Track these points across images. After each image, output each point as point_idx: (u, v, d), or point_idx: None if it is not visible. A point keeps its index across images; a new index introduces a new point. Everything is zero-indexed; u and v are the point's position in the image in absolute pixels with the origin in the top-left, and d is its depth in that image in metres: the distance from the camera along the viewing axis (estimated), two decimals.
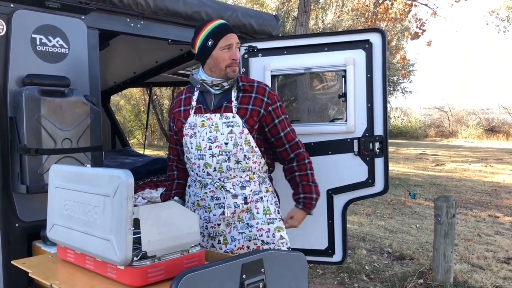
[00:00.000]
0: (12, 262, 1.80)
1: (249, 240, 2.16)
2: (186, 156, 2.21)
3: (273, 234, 2.19)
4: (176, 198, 2.27)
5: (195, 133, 2.14)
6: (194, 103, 2.19)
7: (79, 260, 1.67)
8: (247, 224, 2.16)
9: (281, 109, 2.24)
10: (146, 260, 1.49)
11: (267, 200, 2.21)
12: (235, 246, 2.15)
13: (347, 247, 3.05)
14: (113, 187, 1.45)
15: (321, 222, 3.01)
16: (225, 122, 2.11)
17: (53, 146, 2.24)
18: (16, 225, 2.27)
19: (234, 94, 2.16)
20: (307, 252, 2.98)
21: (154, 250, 1.51)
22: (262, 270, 1.53)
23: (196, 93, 2.20)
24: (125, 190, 1.42)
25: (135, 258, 1.47)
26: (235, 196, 2.12)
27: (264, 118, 2.17)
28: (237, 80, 2.20)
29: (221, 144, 2.09)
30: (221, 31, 2.10)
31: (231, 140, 2.10)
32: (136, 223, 1.47)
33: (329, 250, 3.03)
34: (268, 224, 2.18)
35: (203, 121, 2.13)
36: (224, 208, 2.12)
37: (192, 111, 2.17)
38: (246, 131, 2.11)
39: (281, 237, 2.20)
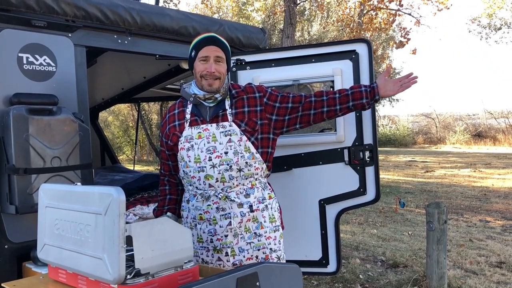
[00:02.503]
0: (2, 284, 1.77)
1: (258, 250, 2.14)
2: (183, 171, 2.17)
3: (279, 241, 2.22)
4: (169, 213, 2.25)
5: (192, 145, 2.12)
6: (188, 116, 2.18)
7: (72, 280, 1.65)
8: (255, 233, 2.14)
9: (274, 91, 2.26)
10: (140, 277, 1.47)
11: (271, 208, 2.22)
12: (244, 256, 2.13)
13: (341, 257, 3.04)
14: (105, 205, 1.44)
15: (314, 232, 3.00)
16: (222, 132, 2.10)
17: (42, 165, 2.22)
18: (6, 246, 2.23)
19: (228, 103, 2.17)
20: (301, 263, 2.96)
21: (148, 267, 1.49)
22: (257, 283, 1.52)
23: (190, 106, 2.20)
24: (117, 207, 1.41)
25: (128, 276, 1.45)
26: (240, 205, 2.10)
27: (266, 110, 2.18)
28: (230, 89, 2.22)
29: (221, 154, 2.08)
30: (202, 42, 2.13)
31: (231, 149, 2.08)
32: (129, 240, 1.45)
33: (323, 261, 3.02)
34: (275, 232, 2.20)
35: (200, 132, 2.12)
36: (231, 218, 2.09)
37: (187, 124, 2.17)
38: (244, 138, 2.11)
39: (282, 244, 2.25)
